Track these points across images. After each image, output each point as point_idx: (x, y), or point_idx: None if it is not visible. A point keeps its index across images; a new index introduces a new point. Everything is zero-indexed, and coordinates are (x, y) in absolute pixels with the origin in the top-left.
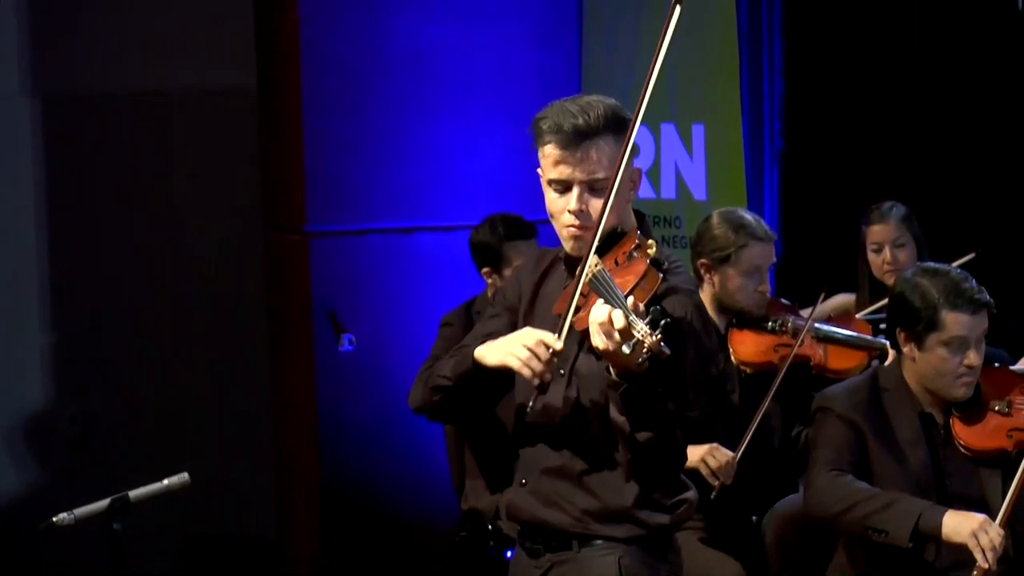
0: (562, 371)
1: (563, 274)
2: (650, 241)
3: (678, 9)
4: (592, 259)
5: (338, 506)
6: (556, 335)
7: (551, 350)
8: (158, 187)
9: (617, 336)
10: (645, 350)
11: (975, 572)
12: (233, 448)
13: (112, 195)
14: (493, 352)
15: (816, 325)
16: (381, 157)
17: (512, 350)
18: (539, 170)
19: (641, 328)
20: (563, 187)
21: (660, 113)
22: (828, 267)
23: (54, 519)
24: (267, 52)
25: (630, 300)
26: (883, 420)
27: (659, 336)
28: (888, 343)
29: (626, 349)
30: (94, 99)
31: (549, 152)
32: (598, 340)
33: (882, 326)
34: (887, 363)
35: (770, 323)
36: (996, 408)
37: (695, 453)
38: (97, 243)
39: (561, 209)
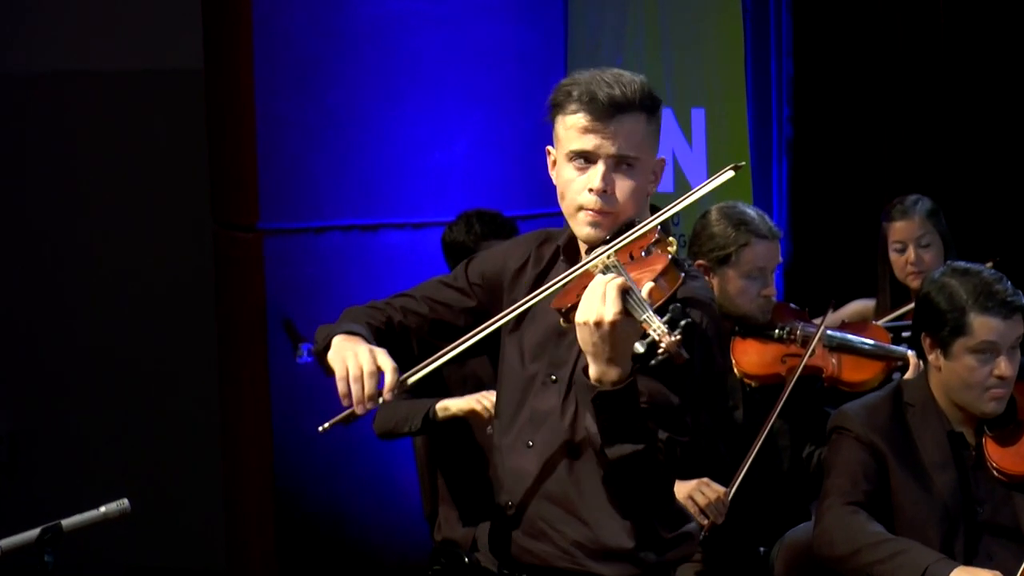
0: (553, 377)
1: (564, 268)
2: (670, 239)
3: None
4: (604, 247)
5: (295, 536)
6: None
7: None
8: (94, 181)
9: (615, 312)
10: (661, 351)
11: None
12: (178, 471)
13: (43, 189)
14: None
15: (828, 332)
16: (342, 146)
17: None
18: (550, 148)
19: (658, 326)
20: (587, 161)
21: None
22: (843, 269)
23: None
24: (215, 29)
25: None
26: (907, 440)
27: (678, 336)
28: (911, 352)
29: (640, 347)
30: (21, 80)
31: (575, 122)
32: (586, 313)
33: (905, 334)
34: (911, 375)
35: (776, 330)
36: None
37: (683, 488)
38: (25, 244)
39: (581, 188)
